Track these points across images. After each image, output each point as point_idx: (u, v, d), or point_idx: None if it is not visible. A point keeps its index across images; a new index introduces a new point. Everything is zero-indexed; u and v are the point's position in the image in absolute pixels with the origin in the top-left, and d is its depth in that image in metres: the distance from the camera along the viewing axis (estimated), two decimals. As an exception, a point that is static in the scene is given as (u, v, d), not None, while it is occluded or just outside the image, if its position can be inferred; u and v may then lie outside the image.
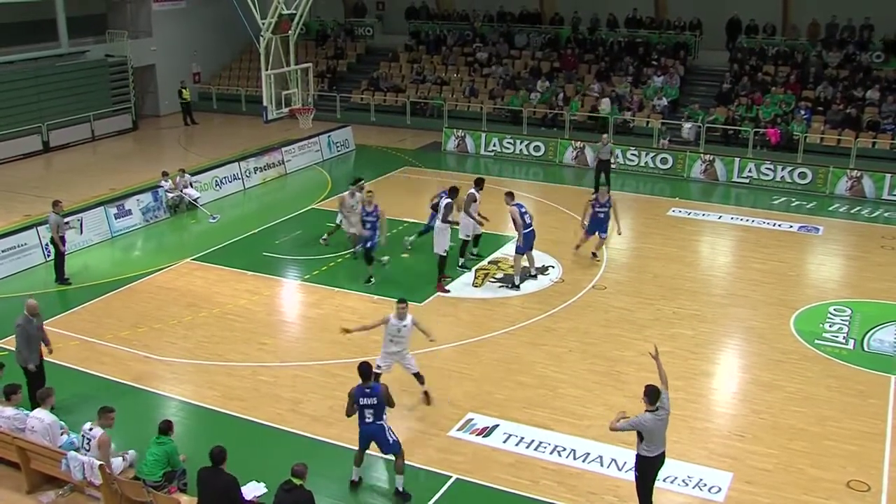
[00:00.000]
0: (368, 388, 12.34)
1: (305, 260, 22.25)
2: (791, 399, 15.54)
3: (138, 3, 40.20)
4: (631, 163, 31.15)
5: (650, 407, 11.44)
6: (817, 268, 22.48)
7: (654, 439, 11.50)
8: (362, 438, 12.68)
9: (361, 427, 12.56)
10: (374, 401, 12.28)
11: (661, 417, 11.49)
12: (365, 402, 12.33)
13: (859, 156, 30.07)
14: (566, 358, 17.02)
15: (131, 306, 19.62)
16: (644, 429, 11.41)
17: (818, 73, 34.36)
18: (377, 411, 12.34)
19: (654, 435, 11.47)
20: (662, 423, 11.51)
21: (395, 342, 14.75)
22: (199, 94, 42.58)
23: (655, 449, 11.60)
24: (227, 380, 16.22)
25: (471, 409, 15.07)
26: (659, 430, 11.51)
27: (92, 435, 12.26)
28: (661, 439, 11.60)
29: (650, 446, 11.53)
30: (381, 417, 12.41)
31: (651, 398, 11.45)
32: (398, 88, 39.70)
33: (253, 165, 29.83)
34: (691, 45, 37.91)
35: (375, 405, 12.30)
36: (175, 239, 24.83)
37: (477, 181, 21.45)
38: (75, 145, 35.42)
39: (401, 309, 14.64)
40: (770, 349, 17.40)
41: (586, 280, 20.85)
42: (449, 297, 19.95)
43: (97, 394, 15.19)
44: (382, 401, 12.34)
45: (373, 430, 12.46)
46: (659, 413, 11.46)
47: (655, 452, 11.62)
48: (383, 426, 12.45)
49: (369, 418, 12.39)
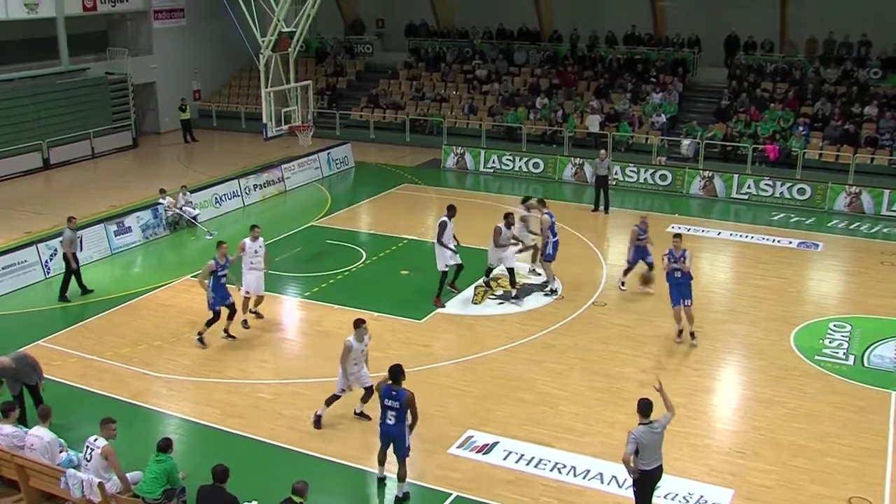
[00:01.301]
0: (395, 391, 12.68)
1: (305, 277, 22.26)
2: (792, 415, 15.53)
3: (139, 21, 40.38)
4: (630, 179, 31.19)
5: (644, 420, 11.60)
6: (817, 284, 22.49)
7: (648, 452, 11.60)
8: (383, 437, 13.05)
9: (382, 428, 12.95)
10: (397, 405, 12.63)
11: (657, 431, 11.58)
12: (388, 404, 12.71)
13: (858, 171, 30.14)
14: (566, 375, 17.00)
15: (131, 323, 19.61)
16: (639, 442, 11.49)
17: (816, 89, 34.47)
18: (399, 415, 12.67)
19: (648, 448, 11.57)
20: (658, 436, 11.63)
21: (356, 363, 14.88)
22: (199, 111, 42.65)
23: (652, 462, 11.68)
24: (227, 397, 16.19)
25: (471, 427, 15.04)
26: (653, 444, 11.62)
27: (96, 445, 12.25)
28: (656, 453, 11.70)
29: (645, 459, 11.62)
30: (403, 421, 12.71)
31: (644, 411, 11.63)
32: (398, 105, 39.80)
33: (252, 183, 29.88)
34: (690, 61, 38.06)
35: (398, 409, 12.64)
36: (175, 256, 24.84)
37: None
38: (75, 163, 35.44)
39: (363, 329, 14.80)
40: (770, 365, 17.39)
41: (586, 297, 20.84)
42: (448, 313, 19.95)
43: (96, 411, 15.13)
44: (405, 406, 12.62)
45: (394, 432, 12.80)
46: (654, 426, 11.55)
47: (652, 465, 11.71)
48: (404, 430, 12.77)
49: (391, 420, 12.73)
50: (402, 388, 12.71)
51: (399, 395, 12.62)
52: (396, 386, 12.70)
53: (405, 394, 12.64)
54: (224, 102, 43.35)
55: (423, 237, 25.46)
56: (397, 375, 12.74)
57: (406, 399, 12.60)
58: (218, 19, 37.83)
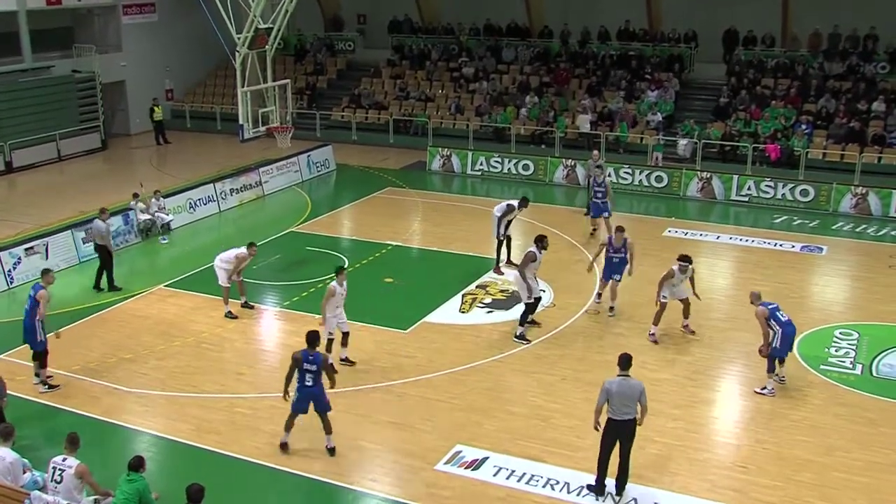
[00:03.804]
0: (312, 355, 14.22)
1: (284, 286, 22.19)
2: (796, 428, 15.53)
3: (107, 16, 40.28)
4: (624, 181, 31.22)
5: (620, 372, 13.08)
6: (821, 289, 22.55)
7: (619, 402, 12.87)
8: (301, 401, 14.41)
9: (302, 391, 14.36)
10: (314, 367, 14.21)
11: (631, 384, 12.95)
12: (307, 367, 14.20)
13: (864, 171, 30.29)
14: (559, 386, 16.98)
15: (100, 336, 19.50)
16: (609, 392, 12.85)
17: (820, 85, 34.62)
18: (316, 377, 14.26)
19: (618, 397, 12.85)
20: (632, 389, 12.93)
21: (337, 307, 17.37)
22: (171, 111, 42.59)
23: (620, 413, 12.92)
24: (202, 412, 16.11)
25: (459, 441, 15.01)
26: (626, 394, 12.88)
27: (66, 466, 12.13)
28: (629, 406, 12.95)
29: (614, 408, 12.90)
30: (320, 381, 14.33)
31: (623, 365, 13.12)
32: (381, 105, 39.81)
33: (229, 187, 29.80)
34: (686, 57, 38.22)
35: (315, 371, 14.22)
36: (147, 264, 24.75)
37: (539, 237, 19.37)
38: (40, 166, 35.31)
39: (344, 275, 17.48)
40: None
41: (578, 305, 20.82)
42: (435, 322, 19.94)
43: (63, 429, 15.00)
44: (321, 369, 14.27)
45: (315, 391, 14.32)
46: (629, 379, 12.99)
47: (620, 416, 12.95)
48: (322, 388, 14.41)
49: (310, 382, 14.26)
50: (318, 352, 14.31)
51: (316, 358, 14.21)
52: (313, 350, 14.23)
53: (321, 357, 14.35)
54: (198, 102, 43.30)
55: (407, 243, 25.44)
56: (313, 340, 14.30)
57: (323, 361, 14.31)
58: (191, 14, 37.85)
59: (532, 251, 18.92)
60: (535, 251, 18.90)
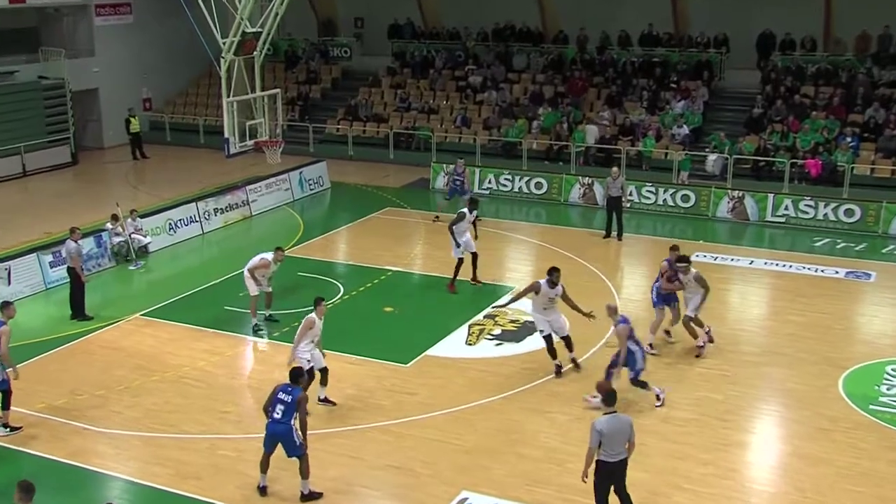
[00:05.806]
0: (291, 387, 14.34)
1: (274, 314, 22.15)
2: (843, 475, 15.40)
3: (77, 17, 40.42)
4: (647, 201, 31.28)
5: (608, 409, 13.00)
6: (869, 320, 22.48)
7: (612, 444, 12.86)
8: (268, 439, 14.40)
9: (269, 427, 14.33)
10: (289, 399, 14.19)
11: (621, 420, 12.98)
12: (281, 397, 14.26)
13: (918, 189, 30.22)
14: (574, 427, 16.87)
15: (69, 370, 19.49)
16: (602, 433, 12.76)
17: (867, 93, 34.51)
18: (287, 410, 14.17)
19: (611, 439, 12.83)
20: (623, 427, 12.94)
21: (313, 341, 17.14)
22: (150, 123, 42.82)
23: (615, 454, 12.94)
24: (181, 454, 16.08)
25: (465, 487, 14.95)
26: (617, 434, 12.87)
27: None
28: (621, 445, 12.97)
29: (606, 450, 12.88)
30: (290, 419, 14.21)
31: (608, 400, 13.11)
32: (380, 118, 39.96)
33: (213, 206, 29.88)
34: (716, 64, 38.28)
35: (288, 403, 14.17)
36: (122, 290, 24.79)
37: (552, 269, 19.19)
38: (3, 181, 35.47)
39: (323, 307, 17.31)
40: (815, 416, 17.29)
41: (596, 337, 20.67)
42: (439, 356, 19.92)
43: (24, 473, 14.95)
44: (295, 404, 14.18)
45: (281, 430, 14.20)
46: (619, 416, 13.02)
47: (615, 458, 12.95)
48: (291, 427, 14.24)
49: (278, 415, 14.20)
50: (298, 387, 14.34)
51: (294, 392, 14.24)
52: (294, 384, 14.34)
53: (300, 392, 14.29)
54: (179, 113, 43.52)
55: (408, 268, 25.46)
56: (297, 377, 14.48)
57: (299, 397, 14.21)
58: (171, 16, 38.03)
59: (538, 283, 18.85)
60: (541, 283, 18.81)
